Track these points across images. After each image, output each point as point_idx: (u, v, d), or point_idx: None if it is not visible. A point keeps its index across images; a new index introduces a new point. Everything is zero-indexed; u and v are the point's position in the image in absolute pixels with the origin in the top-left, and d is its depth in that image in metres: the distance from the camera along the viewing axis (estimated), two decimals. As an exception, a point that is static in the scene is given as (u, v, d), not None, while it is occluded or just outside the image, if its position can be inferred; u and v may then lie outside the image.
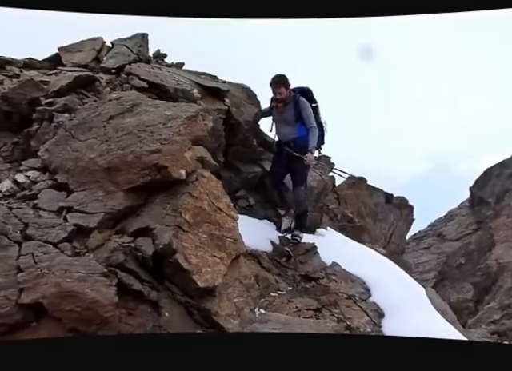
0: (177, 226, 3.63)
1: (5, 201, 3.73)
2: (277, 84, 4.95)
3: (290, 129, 5.05)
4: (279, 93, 4.96)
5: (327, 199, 6.70)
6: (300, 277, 4.72)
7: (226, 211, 4.05)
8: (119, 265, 3.42)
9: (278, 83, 4.95)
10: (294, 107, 4.99)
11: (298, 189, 5.07)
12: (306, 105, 5.02)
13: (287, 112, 5.03)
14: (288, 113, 5.02)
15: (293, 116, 5.00)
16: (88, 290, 3.15)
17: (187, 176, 3.86)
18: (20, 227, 3.47)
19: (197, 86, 4.88)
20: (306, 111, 5.00)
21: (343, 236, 6.20)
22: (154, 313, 3.41)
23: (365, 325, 4.18)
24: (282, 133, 5.13)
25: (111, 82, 4.76)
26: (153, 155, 3.75)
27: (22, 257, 3.27)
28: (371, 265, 5.18)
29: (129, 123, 4.03)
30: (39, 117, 4.39)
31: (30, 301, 3.07)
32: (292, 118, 5.01)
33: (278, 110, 5.09)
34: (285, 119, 5.06)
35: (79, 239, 3.54)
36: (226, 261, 3.84)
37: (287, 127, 5.06)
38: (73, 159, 3.92)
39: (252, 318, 3.71)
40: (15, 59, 5.17)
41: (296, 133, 5.04)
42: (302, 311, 4.13)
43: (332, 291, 4.55)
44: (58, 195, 3.80)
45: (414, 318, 4.37)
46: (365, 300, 4.58)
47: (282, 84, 4.96)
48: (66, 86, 4.57)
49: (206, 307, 3.57)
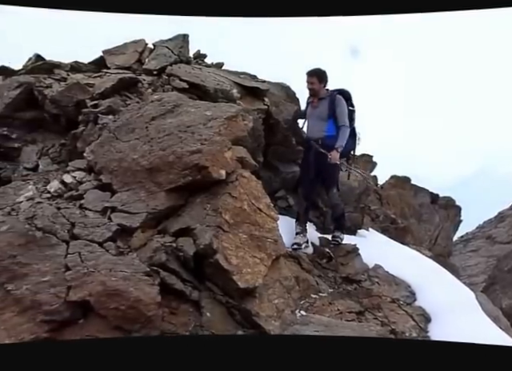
0: (217, 226, 3.63)
1: (53, 201, 3.86)
2: (310, 74, 4.87)
3: (321, 126, 4.90)
4: (311, 82, 4.87)
5: (369, 199, 6.52)
6: (341, 279, 4.61)
7: (266, 211, 4.02)
8: (161, 265, 3.46)
9: (312, 73, 4.87)
10: (329, 104, 4.87)
11: (331, 193, 4.93)
12: (343, 103, 4.89)
13: (321, 108, 4.91)
14: (322, 109, 4.91)
15: (326, 112, 4.86)
16: (132, 289, 3.20)
17: (227, 176, 3.86)
18: (67, 226, 3.58)
19: (236, 86, 4.87)
20: (340, 108, 4.86)
21: (386, 237, 6.02)
22: (195, 313, 3.43)
23: (410, 329, 4.02)
24: (312, 129, 5.00)
25: (153, 84, 4.85)
26: (193, 155, 3.77)
27: (70, 255, 3.37)
28: (416, 268, 4.99)
29: (170, 124, 4.07)
30: (85, 119, 4.52)
31: (78, 299, 3.16)
32: (325, 115, 4.88)
33: (313, 106, 4.99)
34: (318, 115, 4.93)
35: (123, 238, 3.61)
36: (267, 261, 3.81)
37: (318, 124, 4.92)
38: (116, 160, 4.01)
39: (293, 320, 3.66)
40: (63, 63, 5.37)
41: (326, 131, 4.89)
42: (343, 314, 4.02)
43: (375, 294, 4.41)
44: (102, 195, 3.89)
45: (464, 324, 4.15)
46: (410, 304, 4.41)
47: (315, 75, 4.86)
48: (110, 88, 4.69)
49: (246, 308, 3.55)
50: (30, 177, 4.32)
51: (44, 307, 3.11)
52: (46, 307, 3.11)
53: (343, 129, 4.82)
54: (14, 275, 3.25)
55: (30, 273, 3.26)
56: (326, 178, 4.94)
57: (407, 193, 8.59)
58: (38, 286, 3.18)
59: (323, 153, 4.77)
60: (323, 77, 4.90)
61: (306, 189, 4.99)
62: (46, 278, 3.23)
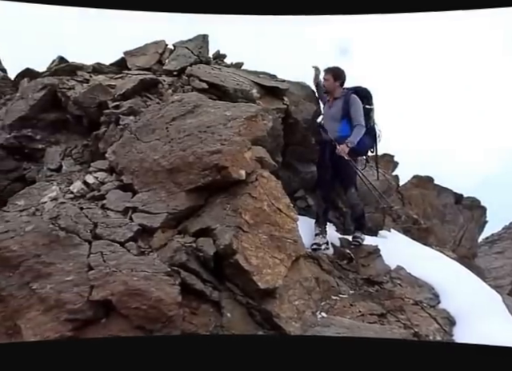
0: (237, 227, 3.63)
1: (76, 202, 3.93)
2: (327, 72, 4.87)
3: (335, 126, 4.84)
4: (326, 79, 4.86)
5: (391, 199, 6.40)
6: (362, 280, 4.54)
7: (286, 212, 3.99)
8: (182, 265, 3.47)
9: (327, 71, 4.87)
10: (343, 104, 4.81)
11: (350, 192, 4.85)
12: (357, 103, 4.80)
13: (335, 108, 4.87)
14: (336, 109, 4.86)
15: (340, 113, 4.81)
16: (153, 289, 3.23)
17: (247, 176, 3.85)
18: (90, 226, 3.63)
19: (256, 86, 4.85)
20: (354, 108, 4.77)
21: (408, 238, 5.90)
22: (216, 313, 3.43)
23: (434, 332, 3.92)
24: (328, 129, 4.90)
25: (173, 84, 4.87)
26: (213, 156, 3.78)
27: (92, 255, 3.42)
28: (440, 270, 4.86)
29: (190, 124, 4.09)
30: (107, 120, 4.58)
31: (100, 298, 3.20)
32: (338, 115, 4.82)
33: (328, 105, 4.96)
34: (332, 115, 4.89)
35: (144, 238, 3.65)
36: (287, 262, 3.78)
37: (333, 124, 4.86)
38: (137, 160, 4.05)
39: (314, 321, 3.62)
40: (85, 64, 5.45)
41: (339, 131, 4.82)
42: (365, 316, 3.96)
43: (397, 296, 4.32)
44: (123, 195, 3.94)
45: (490, 327, 4.04)
46: (433, 306, 4.30)
47: (331, 73, 4.84)
48: (131, 89, 4.74)
49: (266, 309, 3.54)
50: (54, 177, 4.40)
51: (68, 306, 3.17)
52: (70, 306, 3.17)
53: (358, 128, 4.76)
54: (39, 274, 3.33)
55: (54, 272, 3.32)
56: (344, 178, 4.87)
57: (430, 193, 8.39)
58: (61, 285, 3.25)
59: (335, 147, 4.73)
60: (339, 75, 4.84)
61: (323, 190, 4.94)
62: (70, 278, 3.29)
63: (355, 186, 4.92)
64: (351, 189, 4.85)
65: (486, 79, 47.38)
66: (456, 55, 36.99)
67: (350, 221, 5.24)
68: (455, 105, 26.59)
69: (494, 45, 32.89)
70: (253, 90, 4.72)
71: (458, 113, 27.72)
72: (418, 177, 8.44)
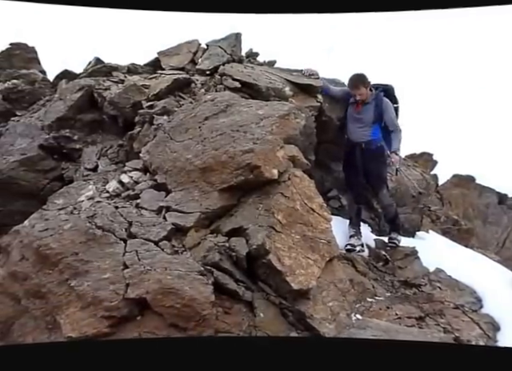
0: (270, 226, 3.60)
1: (112, 201, 4.00)
2: (355, 85, 4.63)
3: (366, 130, 4.68)
4: (359, 94, 4.63)
5: (429, 200, 6.20)
6: (399, 282, 4.41)
7: (319, 212, 3.93)
8: (215, 264, 3.48)
9: (357, 84, 4.62)
10: (376, 108, 4.65)
11: (381, 193, 4.75)
12: (390, 107, 4.68)
13: (366, 112, 4.68)
14: (367, 113, 4.68)
15: (372, 117, 4.66)
16: (187, 288, 3.25)
17: (279, 176, 3.82)
18: (125, 225, 3.69)
19: (289, 84, 4.79)
20: (389, 113, 4.65)
21: (447, 240, 5.70)
22: (248, 313, 3.42)
23: (477, 338, 3.76)
24: (356, 132, 4.74)
25: (206, 84, 4.88)
26: (246, 155, 3.76)
27: (128, 253, 3.48)
28: (482, 273, 4.68)
29: (223, 123, 4.08)
30: (141, 120, 4.64)
31: (135, 296, 3.25)
32: (370, 119, 4.66)
33: (357, 110, 4.72)
34: (362, 119, 4.70)
35: (177, 238, 3.67)
36: (320, 263, 3.72)
37: (363, 128, 4.69)
38: (171, 160, 4.08)
39: (348, 323, 3.55)
40: (120, 65, 5.55)
41: (371, 135, 4.69)
42: (402, 319, 3.85)
43: (436, 299, 4.17)
44: (157, 195, 3.98)
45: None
46: (476, 310, 4.13)
47: (361, 84, 4.62)
48: (165, 89, 4.77)
49: (300, 309, 3.50)
50: (91, 177, 4.50)
51: (104, 303, 3.23)
52: (106, 303, 3.23)
53: (396, 132, 4.66)
54: (77, 272, 3.41)
55: (91, 270, 3.40)
56: (375, 179, 4.77)
57: (471, 192, 8.09)
58: (98, 283, 3.32)
59: (371, 154, 4.65)
60: (366, 81, 4.65)
61: (355, 191, 4.85)
62: (106, 275, 3.35)
63: (387, 187, 4.82)
64: (383, 189, 4.75)
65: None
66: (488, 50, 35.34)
67: (384, 223, 5.12)
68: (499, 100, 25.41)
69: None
70: (285, 88, 4.66)
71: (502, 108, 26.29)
72: (459, 176, 8.16)
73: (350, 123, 4.79)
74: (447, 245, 5.44)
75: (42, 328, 3.43)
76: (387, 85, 4.84)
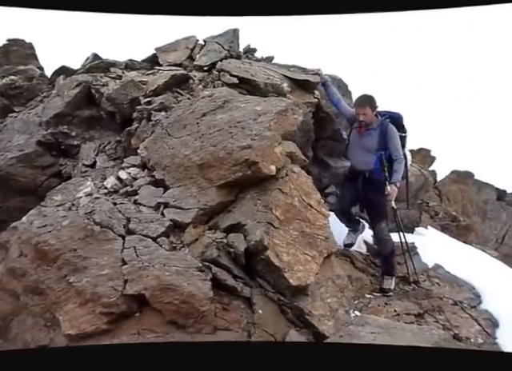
0: (268, 223, 3.60)
1: (110, 197, 4.00)
2: (362, 105, 4.36)
3: (370, 158, 4.38)
4: (363, 114, 4.33)
5: (427, 196, 6.20)
6: (398, 278, 4.42)
7: (317, 208, 3.92)
8: (213, 261, 3.48)
9: (364, 103, 4.36)
10: (380, 135, 4.36)
11: (380, 227, 4.40)
12: (396, 135, 4.39)
13: (370, 137, 4.38)
14: (371, 139, 4.38)
15: (376, 144, 4.36)
16: (185, 284, 3.26)
17: (277, 172, 3.81)
18: (123, 222, 3.69)
19: (286, 80, 4.77)
20: (394, 141, 4.36)
21: (446, 236, 5.71)
22: (247, 310, 3.43)
23: (476, 334, 3.77)
24: (358, 160, 4.45)
25: (204, 80, 4.86)
26: (244, 151, 3.75)
27: (126, 250, 3.48)
28: (481, 269, 4.69)
29: (221, 119, 4.07)
30: (139, 116, 4.62)
31: (134, 292, 3.26)
32: (374, 146, 4.36)
33: (360, 134, 4.42)
34: (365, 145, 4.40)
35: (175, 234, 3.68)
36: (318, 259, 3.73)
37: (366, 155, 4.39)
38: (169, 156, 4.07)
39: (347, 320, 3.56)
40: (118, 61, 5.52)
41: (374, 163, 4.38)
42: (401, 315, 3.86)
43: (435, 295, 4.19)
44: (155, 191, 3.98)
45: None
46: (474, 307, 4.15)
47: (368, 104, 4.35)
48: (163, 85, 4.75)
49: (298, 306, 3.51)
50: (89, 173, 4.50)
51: (103, 299, 3.24)
52: (105, 299, 3.24)
53: (399, 162, 4.37)
54: (75, 268, 3.41)
55: (90, 266, 3.40)
56: (375, 211, 4.45)
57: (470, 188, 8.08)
58: (97, 279, 3.32)
59: (373, 184, 4.35)
60: (374, 103, 4.38)
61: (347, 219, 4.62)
62: (105, 272, 3.36)
63: (386, 221, 4.48)
64: (382, 223, 4.42)
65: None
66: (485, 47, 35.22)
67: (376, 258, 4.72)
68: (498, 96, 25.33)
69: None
70: (283, 84, 4.64)
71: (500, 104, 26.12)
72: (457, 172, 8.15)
73: (353, 148, 4.51)
74: (446, 241, 5.45)
75: (41, 325, 3.45)
76: (396, 113, 4.57)
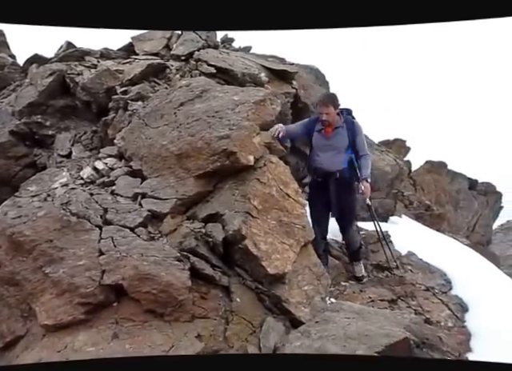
0: (246, 212, 3.63)
1: (86, 188, 3.96)
2: (325, 103, 4.13)
3: (340, 157, 4.21)
4: (326, 113, 4.12)
5: (402, 185, 6.34)
6: (372, 266, 4.54)
7: (295, 197, 3.97)
8: (191, 250, 3.50)
9: (327, 102, 4.13)
10: (348, 131, 4.22)
11: (352, 231, 4.36)
12: (362, 130, 4.29)
13: (339, 136, 4.22)
14: (340, 138, 4.22)
15: (346, 141, 4.21)
16: (163, 273, 3.26)
17: (255, 162, 3.84)
18: (100, 212, 3.67)
19: (264, 70, 4.79)
20: (361, 137, 4.26)
21: (420, 224, 5.86)
22: (225, 298, 3.46)
23: (446, 318, 3.91)
24: (330, 161, 4.22)
25: (181, 69, 4.83)
26: (222, 141, 3.76)
27: (103, 240, 3.46)
28: (452, 256, 4.84)
29: (198, 109, 4.06)
30: (115, 105, 4.57)
31: (111, 282, 3.25)
32: (344, 144, 4.21)
33: (328, 135, 4.20)
34: (336, 145, 4.22)
35: (153, 224, 3.67)
36: (295, 248, 3.78)
37: (337, 155, 4.21)
38: (146, 146, 4.05)
39: (323, 307, 3.63)
40: (93, 50, 5.43)
41: (344, 162, 4.22)
42: (375, 302, 3.97)
43: (408, 282, 4.31)
44: (133, 181, 3.96)
45: (503, 313, 4.02)
46: (445, 292, 4.29)
47: (331, 103, 4.14)
48: (139, 75, 4.71)
49: (276, 294, 3.56)
50: (64, 163, 4.44)
51: (80, 290, 3.22)
52: (82, 290, 3.22)
53: (367, 158, 4.27)
54: (52, 259, 3.38)
55: (66, 257, 3.37)
56: (347, 213, 4.33)
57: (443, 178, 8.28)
58: (74, 270, 3.30)
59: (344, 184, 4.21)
60: (337, 102, 4.19)
61: (323, 227, 4.34)
62: (82, 262, 3.34)
63: (356, 224, 4.43)
64: (353, 226, 4.38)
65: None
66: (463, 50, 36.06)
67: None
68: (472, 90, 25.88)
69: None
70: (261, 74, 4.66)
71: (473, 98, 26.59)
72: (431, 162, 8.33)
73: (320, 152, 4.25)
74: (419, 230, 5.59)
75: (17, 316, 3.41)
76: (348, 108, 4.39)
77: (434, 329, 3.68)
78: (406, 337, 3.02)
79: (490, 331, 3.86)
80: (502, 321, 3.93)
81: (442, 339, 3.29)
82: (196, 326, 3.23)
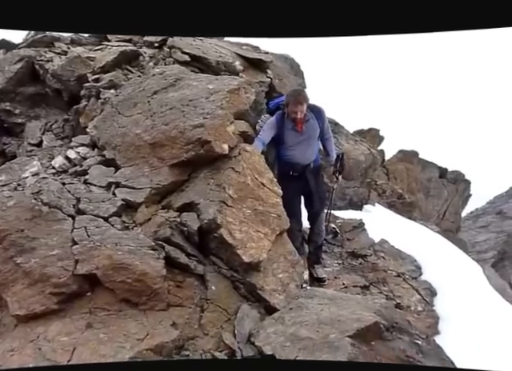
0: (221, 201, 3.63)
1: (58, 177, 3.89)
2: (299, 101, 4.03)
3: (313, 148, 4.23)
4: (301, 111, 4.04)
5: (375, 174, 6.46)
6: (347, 253, 4.65)
7: (270, 186, 3.99)
8: (166, 239, 3.50)
9: (301, 100, 4.04)
10: (318, 122, 4.18)
11: (322, 217, 4.35)
12: (325, 114, 4.27)
13: (311, 129, 4.18)
14: (313, 128, 4.19)
15: (317, 133, 4.20)
16: (138, 263, 3.25)
17: (230, 151, 3.83)
18: (73, 201, 3.61)
19: (239, 58, 4.76)
20: (326, 121, 4.23)
21: (392, 212, 6.01)
22: (200, 287, 3.48)
23: (415, 303, 4.06)
24: (305, 155, 4.22)
25: (154, 57, 4.76)
26: (196, 130, 3.74)
27: (76, 230, 3.42)
28: (423, 243, 5.01)
29: (172, 98, 4.02)
30: (87, 93, 4.48)
31: (85, 272, 3.22)
32: (316, 136, 4.21)
33: (300, 130, 4.15)
34: (309, 138, 4.19)
35: (127, 213, 3.65)
36: (270, 236, 3.82)
37: (310, 147, 4.21)
38: (119, 135, 4.00)
39: (298, 294, 3.70)
40: (62, 36, 5.28)
41: (316, 151, 4.26)
42: (348, 288, 4.07)
43: (380, 268, 4.45)
44: (106, 171, 3.90)
45: (470, 297, 4.19)
46: (415, 278, 4.44)
47: (305, 100, 4.05)
48: (112, 62, 4.62)
49: (251, 281, 3.59)
50: (35, 152, 4.34)
51: (53, 280, 3.19)
52: (55, 280, 3.19)
53: (331, 141, 4.32)
54: (23, 249, 3.32)
55: (38, 247, 3.32)
56: (321, 201, 4.37)
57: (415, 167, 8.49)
58: (46, 260, 3.25)
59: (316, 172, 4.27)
60: (308, 98, 4.12)
61: (299, 220, 4.34)
62: (54, 252, 3.29)
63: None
64: (322, 215, 4.42)
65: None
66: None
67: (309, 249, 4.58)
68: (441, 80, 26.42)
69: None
70: (236, 63, 4.63)
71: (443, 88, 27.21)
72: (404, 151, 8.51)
73: (293, 147, 4.21)
74: (392, 218, 5.74)
75: (-12, 307, 3.35)
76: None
77: (403, 313, 3.81)
78: (377, 321, 3.11)
79: (456, 314, 4.02)
80: (468, 305, 4.10)
81: (410, 322, 3.40)
82: (171, 314, 3.25)
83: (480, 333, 3.78)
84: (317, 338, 3.01)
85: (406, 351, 3.04)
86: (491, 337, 3.75)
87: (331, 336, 3.00)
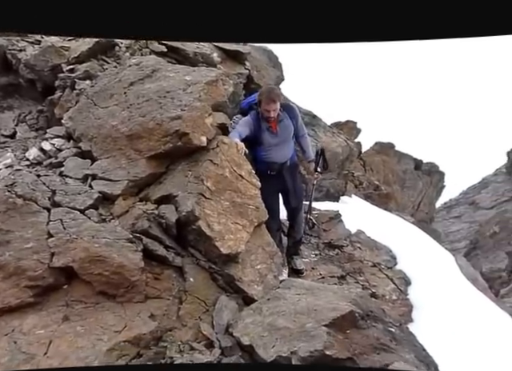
0: (199, 193, 3.63)
1: (33, 169, 3.83)
2: (273, 99, 3.93)
3: (289, 147, 4.20)
4: (274, 110, 3.95)
5: (352, 166, 6.55)
6: (324, 244, 4.72)
7: (248, 178, 4.00)
8: (144, 232, 3.48)
9: (274, 98, 3.94)
10: (292, 120, 4.14)
11: (301, 215, 4.39)
12: (298, 111, 4.24)
13: (285, 128, 4.14)
14: (286, 128, 4.15)
15: (292, 131, 4.16)
16: (115, 255, 3.24)
17: (208, 143, 3.83)
18: (48, 194, 3.56)
19: (217, 50, 4.74)
20: (299, 118, 4.20)
21: (369, 204, 6.12)
22: (179, 278, 3.49)
23: (390, 292, 4.17)
24: (279, 155, 4.19)
25: (131, 47, 4.69)
26: (174, 122, 3.72)
27: (52, 222, 3.38)
28: (398, 233, 5.12)
29: (149, 89, 3.98)
30: (61, 84, 4.39)
31: (61, 265, 3.19)
32: (291, 133, 4.16)
33: (275, 130, 4.11)
34: (284, 137, 4.16)
35: (104, 206, 3.62)
36: (249, 228, 3.84)
37: (285, 147, 4.17)
38: (95, 127, 3.94)
39: (275, 284, 3.75)
40: (36, 25, 5.14)
41: (292, 149, 4.24)
42: (325, 278, 4.15)
43: (356, 259, 4.53)
44: (82, 163, 3.86)
45: (442, 286, 4.33)
46: (391, 268, 4.55)
47: (278, 98, 3.99)
48: (87, 52, 4.53)
49: (229, 273, 3.62)
50: (8, 144, 4.25)
51: (28, 273, 3.15)
52: (30, 273, 3.15)
53: (307, 137, 4.30)
54: (-4, 242, 3.26)
55: (13, 239, 3.27)
56: (299, 198, 4.38)
57: (391, 159, 8.65)
58: (21, 253, 3.21)
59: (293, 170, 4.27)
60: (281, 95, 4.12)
61: (277, 220, 4.34)
62: (29, 245, 3.25)
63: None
64: (301, 211, 4.43)
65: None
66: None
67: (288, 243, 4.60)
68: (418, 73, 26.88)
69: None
70: (213, 54, 4.62)
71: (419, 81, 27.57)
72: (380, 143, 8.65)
73: (270, 147, 4.16)
74: (368, 209, 5.84)
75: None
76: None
77: (378, 302, 3.91)
78: (352, 310, 3.18)
79: (429, 303, 4.15)
80: (441, 293, 4.23)
81: (385, 311, 3.49)
82: (149, 306, 3.25)
83: (452, 321, 3.91)
84: (294, 328, 3.06)
85: (379, 338, 3.11)
86: (463, 325, 3.89)
87: (308, 325, 3.06)
